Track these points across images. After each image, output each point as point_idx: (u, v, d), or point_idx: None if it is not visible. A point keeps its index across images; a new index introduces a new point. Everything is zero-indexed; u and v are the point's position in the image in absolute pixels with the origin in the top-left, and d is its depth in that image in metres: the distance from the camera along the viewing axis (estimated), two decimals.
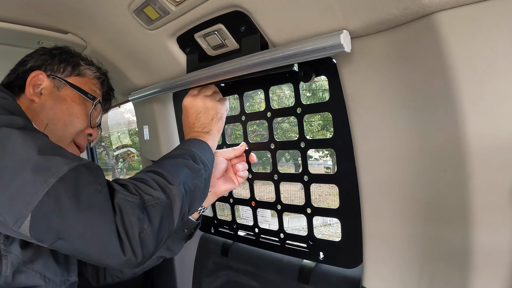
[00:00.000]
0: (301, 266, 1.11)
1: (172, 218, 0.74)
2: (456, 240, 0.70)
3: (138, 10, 1.01)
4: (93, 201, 0.62)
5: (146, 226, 0.66)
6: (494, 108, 0.62)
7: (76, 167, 0.63)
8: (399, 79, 0.73)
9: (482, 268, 0.67)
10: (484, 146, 0.63)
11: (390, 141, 0.77)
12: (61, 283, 0.78)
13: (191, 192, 0.80)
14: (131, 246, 0.64)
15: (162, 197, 0.72)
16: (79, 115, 0.95)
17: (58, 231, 0.60)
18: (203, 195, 0.87)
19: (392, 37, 0.71)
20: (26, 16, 1.19)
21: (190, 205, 0.81)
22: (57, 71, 0.97)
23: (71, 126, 0.94)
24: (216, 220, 1.42)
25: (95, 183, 0.64)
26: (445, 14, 0.62)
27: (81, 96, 0.97)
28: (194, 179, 0.82)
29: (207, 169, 0.88)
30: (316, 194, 9.99)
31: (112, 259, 0.64)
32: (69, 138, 0.95)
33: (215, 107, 1.01)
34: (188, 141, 0.94)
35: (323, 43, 0.72)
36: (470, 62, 0.62)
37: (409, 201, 0.77)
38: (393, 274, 0.83)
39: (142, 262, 0.68)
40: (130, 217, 0.64)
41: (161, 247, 0.73)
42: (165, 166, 0.80)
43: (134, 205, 0.66)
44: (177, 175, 0.78)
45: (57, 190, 0.59)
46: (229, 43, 0.98)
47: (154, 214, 0.69)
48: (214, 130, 1.00)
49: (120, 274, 1.06)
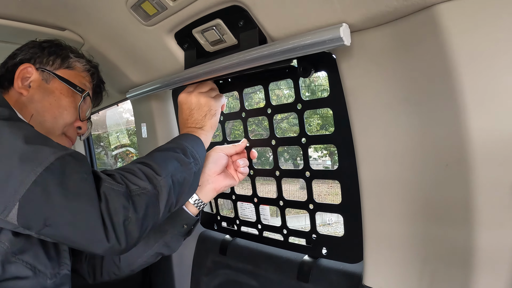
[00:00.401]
0: (300, 265, 1.10)
1: (158, 208, 0.76)
2: (458, 239, 0.69)
3: (136, 5, 1.00)
4: (79, 189, 0.64)
5: (130, 214, 0.69)
6: (497, 101, 0.61)
7: (63, 156, 0.65)
8: (399, 73, 0.72)
9: (485, 268, 0.66)
10: (487, 140, 0.62)
11: (391, 136, 0.76)
12: (52, 276, 0.78)
13: (179, 184, 0.82)
14: (115, 233, 0.66)
15: (148, 187, 0.74)
16: (68, 107, 0.96)
17: (45, 218, 0.62)
18: (192, 188, 0.89)
19: (392, 30, 0.70)
20: (22, 12, 1.18)
21: (178, 197, 0.83)
22: (46, 64, 0.97)
23: (60, 119, 0.95)
24: (219, 216, 1.41)
25: (81, 172, 0.66)
26: (446, 6, 0.61)
27: (70, 89, 0.97)
28: (183, 172, 0.84)
29: (197, 163, 0.89)
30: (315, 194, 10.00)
31: (96, 246, 0.66)
32: (58, 130, 0.96)
33: (209, 103, 1.03)
34: (180, 136, 0.96)
35: (322, 36, 0.72)
36: (472, 55, 0.61)
37: (410, 199, 0.76)
38: (394, 272, 0.82)
39: (126, 249, 0.70)
40: (115, 205, 0.67)
41: (145, 236, 0.75)
42: (154, 158, 0.82)
43: (120, 193, 0.69)
44: (165, 167, 0.80)
45: (44, 179, 0.61)
46: (227, 38, 0.97)
47: (140, 203, 0.71)
48: (208, 125, 1.02)
49: (117, 271, 1.05)
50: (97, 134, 7.21)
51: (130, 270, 1.06)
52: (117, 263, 1.05)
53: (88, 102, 1.04)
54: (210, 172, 1.06)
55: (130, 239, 0.69)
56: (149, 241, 1.03)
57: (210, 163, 1.07)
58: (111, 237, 0.66)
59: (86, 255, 1.06)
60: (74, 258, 1.05)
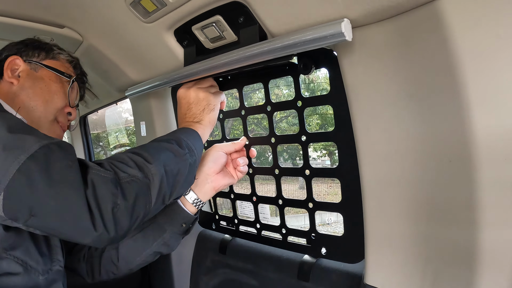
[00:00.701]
0: (300, 263, 1.09)
1: (149, 197, 0.74)
2: (461, 238, 0.68)
3: (135, 2, 0.99)
4: (64, 176, 0.63)
5: (119, 201, 0.67)
6: (500, 97, 0.60)
7: (47, 145, 0.65)
8: (401, 69, 0.71)
9: (489, 268, 0.65)
10: (491, 136, 0.62)
11: (393, 133, 0.75)
12: (44, 272, 0.77)
13: (173, 174, 0.81)
14: (103, 220, 0.65)
15: (138, 175, 0.73)
16: (57, 92, 1.00)
17: (31, 207, 0.61)
18: (187, 180, 0.87)
19: (394, 25, 0.69)
20: (21, 10, 1.18)
21: (173, 188, 0.82)
22: (32, 56, 1.01)
23: (52, 103, 0.98)
24: (218, 215, 1.40)
25: (66, 159, 0.65)
26: (449, 1, 0.60)
27: (58, 76, 1.02)
28: (177, 163, 0.83)
29: (193, 155, 0.88)
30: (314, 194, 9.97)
31: (84, 235, 0.65)
32: (51, 114, 0.99)
33: (207, 98, 1.02)
34: (177, 130, 0.96)
35: (324, 32, 0.71)
36: (475, 50, 0.60)
37: (412, 197, 0.75)
38: (396, 272, 0.81)
39: (116, 238, 0.68)
40: (102, 191, 0.66)
41: (136, 225, 0.74)
42: (146, 148, 0.81)
43: (107, 179, 0.68)
44: (157, 156, 0.79)
45: (28, 167, 0.61)
46: (227, 35, 0.96)
47: (129, 190, 0.70)
48: (206, 120, 1.01)
49: (115, 270, 1.04)
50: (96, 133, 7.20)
51: (129, 269, 1.05)
52: (116, 262, 1.04)
53: (76, 89, 1.08)
54: (209, 171, 1.05)
55: (120, 228, 0.68)
56: (148, 240, 1.02)
57: (210, 162, 1.06)
58: (99, 225, 0.64)
59: (84, 254, 1.05)
60: (72, 257, 1.05)
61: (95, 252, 1.05)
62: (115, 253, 1.03)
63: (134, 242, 1.02)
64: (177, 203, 1.02)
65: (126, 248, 1.03)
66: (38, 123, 0.95)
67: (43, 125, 0.97)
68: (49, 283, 0.78)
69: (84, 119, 2.56)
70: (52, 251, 0.82)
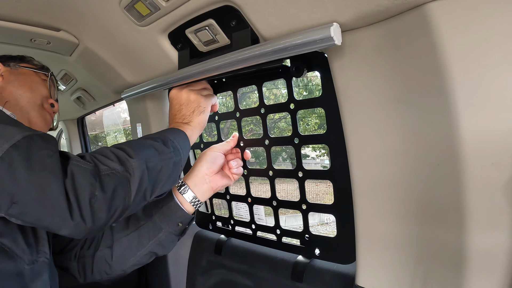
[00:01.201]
0: (294, 264, 1.10)
1: (129, 191, 0.76)
2: (450, 240, 0.69)
3: (129, 6, 1.00)
4: (44, 165, 0.65)
5: (97, 192, 0.69)
6: (488, 100, 0.61)
7: (30, 136, 0.67)
8: (391, 73, 0.72)
9: (477, 269, 0.66)
10: (478, 140, 0.62)
11: (383, 135, 0.76)
12: (30, 262, 0.78)
13: (155, 171, 0.83)
14: (80, 210, 0.67)
15: (118, 168, 0.75)
16: (39, 83, 1.09)
17: (12, 194, 0.63)
18: (171, 178, 0.89)
19: (384, 29, 0.70)
20: (17, 13, 1.18)
21: (155, 185, 0.83)
22: (9, 63, 1.08)
23: (36, 90, 1.06)
24: (214, 216, 1.41)
25: (47, 149, 0.67)
26: (437, 5, 0.61)
27: (37, 72, 1.10)
28: (161, 160, 0.85)
29: (178, 154, 0.90)
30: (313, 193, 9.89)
31: (61, 224, 0.67)
32: (38, 99, 1.06)
33: (198, 100, 1.04)
34: (165, 130, 0.98)
35: (313, 36, 0.72)
36: (463, 54, 0.61)
37: (402, 199, 0.76)
38: (386, 273, 0.82)
39: (93, 229, 0.70)
40: (81, 181, 0.68)
41: (115, 219, 0.75)
42: (131, 143, 0.84)
43: (86, 171, 0.70)
44: (140, 151, 0.81)
45: (11, 155, 0.63)
46: (220, 38, 0.97)
47: (108, 182, 0.72)
48: (195, 122, 1.03)
49: (108, 270, 1.04)
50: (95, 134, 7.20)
51: (122, 270, 1.04)
52: (109, 261, 1.03)
53: (53, 86, 1.14)
54: (207, 172, 1.06)
55: (97, 219, 0.69)
56: (143, 239, 1.02)
57: (208, 163, 1.07)
58: (75, 214, 0.66)
59: (76, 253, 1.05)
60: (64, 256, 1.05)
61: (88, 251, 1.04)
62: (109, 252, 1.03)
63: (129, 241, 1.02)
64: (174, 201, 1.02)
65: (121, 247, 1.03)
66: (28, 107, 1.01)
67: (33, 108, 1.03)
68: (33, 273, 0.79)
69: (81, 120, 2.57)
70: (39, 243, 0.83)
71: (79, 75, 1.76)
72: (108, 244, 1.04)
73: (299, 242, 1.10)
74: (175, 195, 1.03)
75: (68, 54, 1.47)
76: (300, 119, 9.14)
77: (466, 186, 0.64)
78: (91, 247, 1.04)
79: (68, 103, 2.16)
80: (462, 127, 0.63)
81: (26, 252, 0.78)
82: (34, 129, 0.72)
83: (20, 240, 0.77)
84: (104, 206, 0.70)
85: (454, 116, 0.63)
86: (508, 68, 0.59)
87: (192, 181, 1.05)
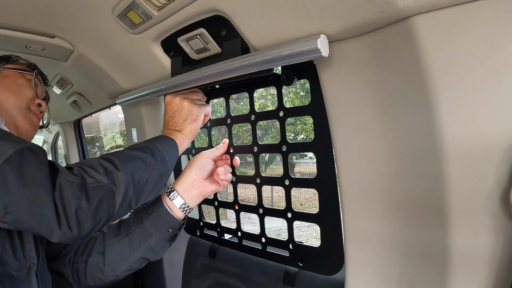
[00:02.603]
0: (286, 269, 1.11)
1: (114, 202, 0.80)
2: (435, 242, 0.70)
3: (122, 14, 1.01)
4: (35, 178, 0.70)
5: (83, 204, 0.73)
6: (470, 112, 0.62)
7: (21, 150, 0.71)
8: (377, 83, 0.73)
9: (460, 269, 0.68)
10: (461, 151, 0.63)
11: (369, 145, 0.77)
12: (18, 269, 0.82)
13: (141, 183, 0.86)
14: (67, 221, 0.71)
15: (104, 181, 0.79)
16: (24, 85, 1.08)
17: (6, 205, 0.67)
18: (156, 188, 0.92)
19: (370, 41, 0.71)
20: (12, 20, 1.19)
21: (140, 196, 0.87)
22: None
23: (20, 93, 1.05)
24: (202, 222, 1.42)
25: (37, 163, 0.71)
26: (421, 18, 0.62)
27: (22, 73, 1.09)
28: (147, 172, 0.88)
29: (165, 165, 0.93)
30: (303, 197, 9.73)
31: (51, 232, 0.71)
32: (23, 102, 1.05)
33: (190, 107, 1.06)
34: (156, 138, 1.00)
35: (301, 47, 0.73)
36: (447, 66, 0.62)
37: (388, 205, 0.77)
38: (374, 276, 0.83)
39: (79, 237, 0.75)
40: (68, 194, 0.72)
41: (100, 227, 0.80)
42: (119, 155, 0.87)
43: (74, 184, 0.74)
44: (127, 164, 0.84)
45: (4, 169, 0.67)
46: (211, 47, 0.98)
47: (93, 195, 0.76)
48: (187, 130, 1.05)
49: (101, 276, 1.05)
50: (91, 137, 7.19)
51: (115, 276, 1.05)
52: (101, 267, 1.05)
53: (40, 85, 1.14)
54: (196, 177, 1.07)
55: (82, 228, 0.74)
56: (134, 245, 1.03)
57: (197, 168, 1.08)
58: (63, 224, 0.71)
59: (70, 259, 1.06)
60: (58, 262, 1.06)
61: (81, 257, 1.06)
62: (101, 258, 1.05)
63: (120, 247, 1.04)
64: (164, 207, 1.03)
65: (112, 253, 1.04)
66: (13, 112, 1.02)
67: (18, 113, 1.03)
68: (21, 277, 0.83)
69: (78, 122, 2.58)
70: (25, 248, 0.87)
71: (75, 80, 1.77)
72: (100, 250, 1.05)
73: (287, 251, 1.09)
74: (165, 201, 1.04)
75: (63, 60, 1.48)
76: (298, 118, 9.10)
77: (449, 195, 0.66)
78: (84, 253, 1.06)
79: (65, 106, 2.18)
80: (446, 139, 0.64)
81: (13, 258, 0.82)
82: (23, 139, 0.76)
83: (8, 247, 0.82)
84: (89, 217, 0.75)
85: (437, 129, 0.64)
86: (491, 81, 0.60)
87: (181, 186, 1.06)
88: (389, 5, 0.61)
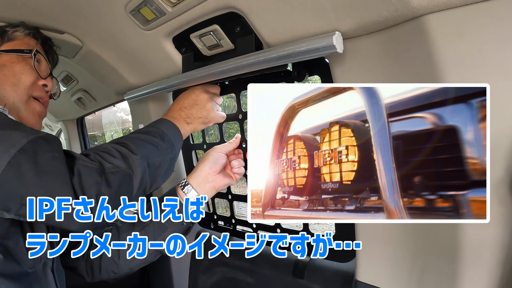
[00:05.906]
0: (295, 261, 1.13)
1: (132, 187, 0.81)
2: (445, 234, 0.72)
3: (135, 11, 1.02)
4: (51, 167, 0.69)
5: (103, 189, 0.73)
6: None
7: (34, 139, 0.70)
8: (389, 79, 0.74)
9: (470, 261, 0.69)
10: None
11: None
12: (32, 265, 0.82)
13: (154, 167, 0.87)
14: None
15: (122, 166, 0.79)
16: (23, 71, 0.99)
17: (21, 196, 0.66)
18: (167, 173, 0.94)
19: (383, 38, 0.73)
20: (22, 16, 1.19)
21: (153, 180, 0.88)
22: None
23: (20, 84, 0.98)
24: (216, 215, 1.44)
25: (52, 151, 0.71)
26: (434, 17, 0.63)
27: (18, 56, 1.00)
28: (159, 156, 0.89)
29: (173, 150, 0.94)
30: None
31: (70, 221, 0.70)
32: (24, 95, 0.98)
33: (209, 113, 1.08)
34: (162, 121, 1.00)
35: (316, 44, 0.74)
36: (458, 63, 0.64)
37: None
38: (385, 268, 0.85)
39: (100, 224, 0.74)
40: (88, 180, 0.71)
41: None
42: (132, 139, 0.87)
43: (93, 170, 0.73)
44: (141, 149, 0.85)
45: (18, 159, 0.66)
46: (224, 43, 1.00)
47: (113, 180, 0.76)
48: (194, 126, 1.06)
49: (116, 269, 1.05)
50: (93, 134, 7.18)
51: (129, 269, 1.06)
52: (116, 260, 1.05)
53: (43, 60, 1.07)
54: (210, 171, 1.08)
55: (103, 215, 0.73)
56: (148, 238, 1.04)
57: (211, 162, 1.09)
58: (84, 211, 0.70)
59: (84, 254, 1.07)
60: (71, 256, 1.07)
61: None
62: (116, 251, 1.04)
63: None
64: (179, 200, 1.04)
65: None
66: (14, 107, 0.96)
67: (19, 108, 0.97)
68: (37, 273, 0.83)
69: (81, 120, 2.58)
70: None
71: (80, 76, 1.78)
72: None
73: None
74: (179, 194, 1.05)
75: (71, 56, 1.48)
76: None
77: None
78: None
79: (68, 104, 2.18)
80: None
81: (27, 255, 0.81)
82: (35, 129, 0.75)
83: (21, 244, 0.80)
84: (110, 202, 0.74)
85: None
86: (500, 76, 0.62)
87: (195, 180, 1.07)
88: (404, 4, 0.63)
